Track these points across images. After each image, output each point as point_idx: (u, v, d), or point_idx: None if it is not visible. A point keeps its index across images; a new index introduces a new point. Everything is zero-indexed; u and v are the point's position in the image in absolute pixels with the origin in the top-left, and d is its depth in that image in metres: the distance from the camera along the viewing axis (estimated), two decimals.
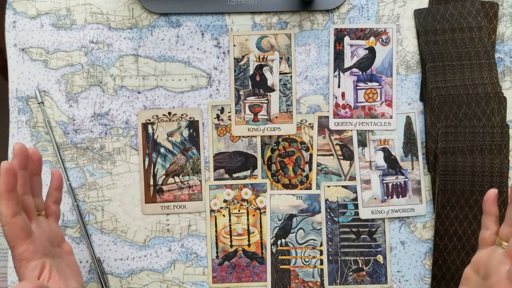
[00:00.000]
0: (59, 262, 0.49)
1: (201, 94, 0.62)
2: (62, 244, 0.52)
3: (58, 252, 0.51)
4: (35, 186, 0.50)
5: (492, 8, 0.60)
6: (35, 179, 0.50)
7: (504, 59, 0.61)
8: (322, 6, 0.61)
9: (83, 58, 0.62)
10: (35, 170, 0.50)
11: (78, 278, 0.51)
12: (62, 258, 0.51)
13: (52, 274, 0.46)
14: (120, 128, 0.62)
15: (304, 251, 0.61)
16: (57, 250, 0.51)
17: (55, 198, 0.54)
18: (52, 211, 0.53)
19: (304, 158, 0.62)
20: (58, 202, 0.54)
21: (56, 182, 0.54)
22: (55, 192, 0.54)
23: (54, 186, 0.54)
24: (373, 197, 0.61)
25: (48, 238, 0.49)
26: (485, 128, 0.59)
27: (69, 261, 0.52)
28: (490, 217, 0.49)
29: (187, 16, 0.62)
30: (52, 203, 0.53)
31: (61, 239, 0.53)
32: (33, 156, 0.49)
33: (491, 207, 0.49)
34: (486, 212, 0.49)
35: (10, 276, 0.60)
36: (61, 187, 0.55)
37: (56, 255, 0.50)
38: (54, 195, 0.54)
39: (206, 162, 0.62)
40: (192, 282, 0.61)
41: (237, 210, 0.61)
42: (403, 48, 0.62)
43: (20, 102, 0.61)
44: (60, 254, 0.51)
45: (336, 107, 0.62)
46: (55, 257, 0.49)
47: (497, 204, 0.49)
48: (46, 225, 0.50)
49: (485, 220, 0.49)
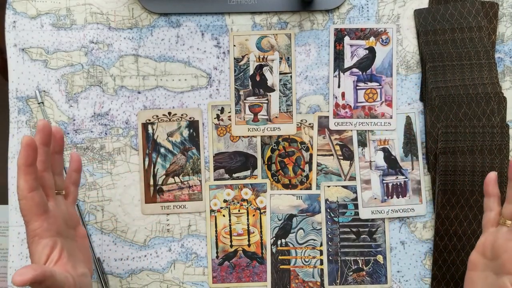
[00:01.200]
0: (71, 245, 0.49)
1: (201, 94, 0.62)
2: (77, 227, 0.52)
3: (71, 234, 0.50)
4: (57, 164, 0.50)
5: (492, 8, 0.60)
6: (56, 157, 0.50)
7: (504, 59, 0.61)
8: (322, 6, 0.61)
9: (83, 58, 0.62)
10: (57, 147, 0.50)
11: (88, 263, 0.51)
12: (75, 241, 0.50)
13: (62, 256, 0.45)
14: (120, 128, 0.62)
15: (304, 251, 0.61)
16: (71, 232, 0.50)
17: (74, 179, 0.53)
18: (70, 192, 0.52)
19: (304, 158, 0.62)
20: (77, 184, 0.54)
21: (75, 164, 0.54)
22: (74, 173, 0.54)
23: (74, 167, 0.54)
24: (373, 197, 0.61)
25: (64, 219, 0.49)
26: (485, 128, 0.59)
27: (82, 245, 0.51)
28: (493, 198, 0.50)
29: (187, 16, 0.62)
30: (71, 184, 0.53)
31: (76, 221, 0.52)
32: (56, 134, 0.49)
33: (493, 188, 0.51)
34: (488, 194, 0.51)
35: (10, 276, 0.60)
36: (80, 170, 0.54)
37: (70, 236, 0.49)
38: (73, 177, 0.53)
39: (206, 162, 0.62)
40: (192, 282, 0.61)
41: (237, 210, 0.61)
42: (403, 48, 0.62)
43: (20, 102, 0.61)
44: (73, 236, 0.50)
45: (336, 107, 0.62)
46: (68, 239, 0.49)
47: (497, 185, 0.51)
48: (64, 205, 0.50)
49: (488, 202, 0.51)
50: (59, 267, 0.45)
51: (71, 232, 0.50)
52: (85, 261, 0.50)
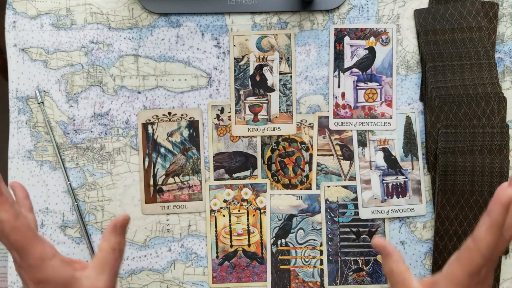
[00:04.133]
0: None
1: (201, 94, 0.62)
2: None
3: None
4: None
5: (492, 8, 0.60)
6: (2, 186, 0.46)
7: (504, 59, 0.61)
8: (322, 6, 0.61)
9: (83, 58, 0.62)
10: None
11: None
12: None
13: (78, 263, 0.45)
14: (120, 128, 0.62)
15: (304, 251, 0.61)
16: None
17: (28, 206, 0.51)
18: (31, 219, 0.50)
19: (304, 158, 0.62)
20: (32, 210, 0.52)
21: (23, 191, 0.52)
22: (25, 200, 0.51)
23: (23, 195, 0.52)
24: (373, 197, 0.61)
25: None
26: (485, 128, 0.59)
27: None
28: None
29: (187, 16, 0.62)
30: (28, 211, 0.51)
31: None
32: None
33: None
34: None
35: (10, 276, 0.60)
36: (28, 195, 0.52)
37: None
38: (26, 204, 0.51)
39: (206, 162, 0.62)
40: (192, 282, 0.61)
41: (237, 210, 0.61)
42: (403, 48, 0.62)
43: (20, 102, 0.61)
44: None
45: (336, 107, 0.62)
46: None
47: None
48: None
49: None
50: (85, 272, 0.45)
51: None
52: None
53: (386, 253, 0.46)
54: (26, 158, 0.61)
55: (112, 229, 0.45)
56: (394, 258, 0.45)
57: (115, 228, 0.45)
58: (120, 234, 0.45)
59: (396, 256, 0.45)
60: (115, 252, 0.45)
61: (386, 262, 0.46)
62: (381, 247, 0.46)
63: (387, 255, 0.45)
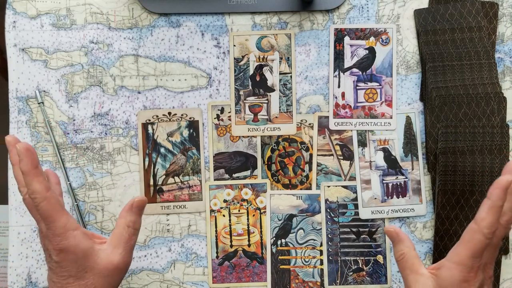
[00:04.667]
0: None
1: (201, 94, 0.62)
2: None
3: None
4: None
5: (492, 8, 0.60)
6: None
7: (504, 59, 0.61)
8: (322, 6, 0.61)
9: (83, 58, 0.62)
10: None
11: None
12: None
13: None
14: (120, 128, 0.62)
15: (304, 251, 0.61)
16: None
17: (59, 191, 0.56)
18: (60, 200, 0.54)
19: (304, 158, 0.62)
20: (61, 194, 0.57)
21: (54, 178, 0.57)
22: (57, 186, 0.56)
23: (54, 181, 0.56)
24: (373, 197, 0.61)
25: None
26: (485, 128, 0.59)
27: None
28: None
29: (187, 16, 0.62)
30: (59, 195, 0.56)
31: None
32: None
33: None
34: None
35: (10, 276, 0.60)
36: (59, 181, 0.57)
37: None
38: (57, 189, 0.56)
39: (206, 162, 0.62)
40: (192, 282, 0.61)
41: (237, 210, 0.61)
42: (403, 48, 0.62)
43: (20, 102, 0.61)
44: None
45: (336, 107, 0.62)
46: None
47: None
48: None
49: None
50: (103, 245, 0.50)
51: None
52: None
53: (399, 239, 0.50)
54: None
55: (128, 208, 0.50)
56: (406, 244, 0.50)
57: (131, 208, 0.50)
58: (136, 214, 0.50)
59: (409, 242, 0.50)
60: (130, 230, 0.50)
61: (398, 248, 0.50)
62: (394, 233, 0.50)
63: (400, 240, 0.50)
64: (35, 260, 0.60)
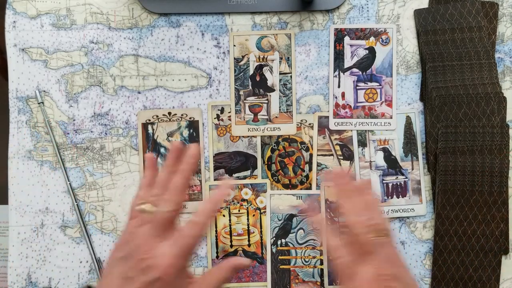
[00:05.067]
0: None
1: (201, 94, 0.62)
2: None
3: None
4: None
5: (492, 8, 0.60)
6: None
7: (504, 59, 0.61)
8: (322, 6, 0.61)
9: (83, 58, 0.62)
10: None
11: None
12: None
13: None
14: (120, 128, 0.62)
15: (304, 251, 0.61)
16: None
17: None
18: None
19: (304, 158, 0.62)
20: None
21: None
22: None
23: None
24: None
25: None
26: (485, 128, 0.59)
27: None
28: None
29: (187, 16, 0.62)
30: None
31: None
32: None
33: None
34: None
35: (10, 276, 0.60)
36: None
37: None
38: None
39: (206, 162, 0.62)
40: None
41: (237, 210, 0.61)
42: (403, 48, 0.62)
43: (20, 102, 0.61)
44: None
45: (336, 107, 0.62)
46: None
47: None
48: None
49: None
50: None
51: None
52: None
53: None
54: (26, 158, 0.61)
55: (234, 268, 0.42)
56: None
57: (235, 269, 0.42)
58: (231, 273, 0.42)
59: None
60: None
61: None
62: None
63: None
64: (35, 260, 0.60)
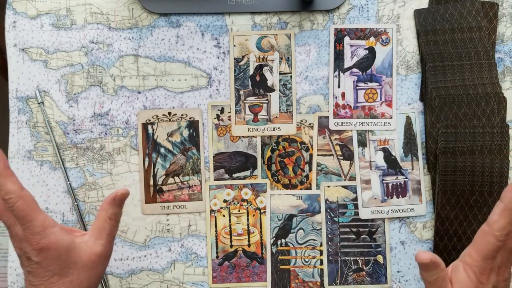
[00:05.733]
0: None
1: (201, 94, 0.62)
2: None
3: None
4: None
5: (492, 8, 0.60)
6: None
7: (504, 59, 0.61)
8: (322, 6, 0.61)
9: (83, 58, 0.62)
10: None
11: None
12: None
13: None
14: (120, 128, 0.62)
15: (304, 251, 0.61)
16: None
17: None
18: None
19: (304, 158, 0.62)
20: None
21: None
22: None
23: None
24: (373, 197, 0.61)
25: None
26: (485, 128, 0.59)
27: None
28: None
29: (187, 16, 0.62)
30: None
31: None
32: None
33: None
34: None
35: (10, 276, 0.60)
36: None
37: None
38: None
39: (206, 162, 0.62)
40: (192, 282, 0.61)
41: (237, 210, 0.61)
42: (403, 48, 0.62)
43: (20, 102, 0.61)
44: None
45: (336, 107, 0.62)
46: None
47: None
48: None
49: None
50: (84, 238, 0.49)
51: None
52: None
53: (436, 265, 0.46)
54: (26, 158, 0.61)
55: (110, 201, 0.49)
56: (442, 267, 0.46)
57: (113, 200, 0.49)
58: (118, 206, 0.50)
59: (443, 264, 0.47)
60: (111, 222, 0.50)
61: (433, 273, 0.46)
62: (431, 262, 0.46)
63: (437, 266, 0.46)
64: None
